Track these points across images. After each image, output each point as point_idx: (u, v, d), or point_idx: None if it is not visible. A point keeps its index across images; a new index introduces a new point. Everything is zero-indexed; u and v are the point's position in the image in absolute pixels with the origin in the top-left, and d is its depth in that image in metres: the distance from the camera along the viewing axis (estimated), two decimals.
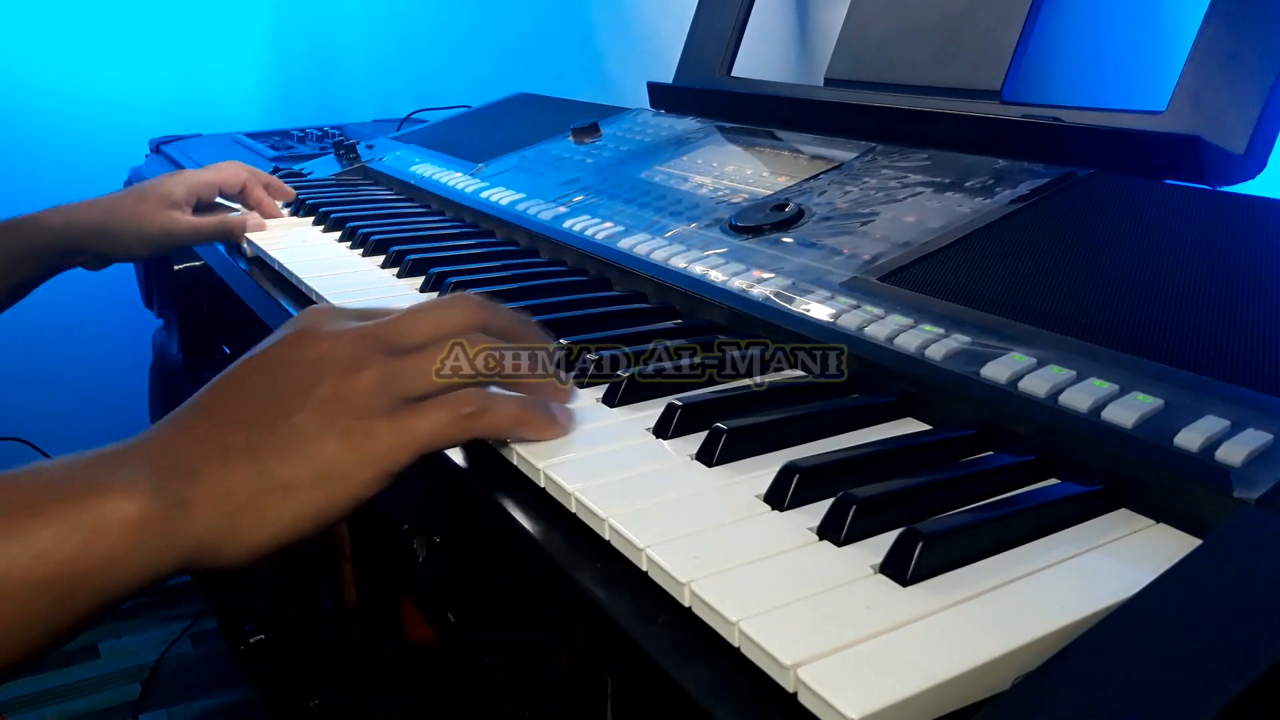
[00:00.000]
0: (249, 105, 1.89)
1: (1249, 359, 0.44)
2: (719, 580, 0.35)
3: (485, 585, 0.62)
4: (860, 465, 0.43)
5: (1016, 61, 0.76)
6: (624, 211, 0.81)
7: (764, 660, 0.32)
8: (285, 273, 0.83)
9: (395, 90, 1.88)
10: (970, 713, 0.30)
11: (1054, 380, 0.45)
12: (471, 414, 0.44)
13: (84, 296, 1.80)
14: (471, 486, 0.48)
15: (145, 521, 0.39)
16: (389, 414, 0.43)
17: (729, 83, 1.03)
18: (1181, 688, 0.28)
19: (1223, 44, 0.62)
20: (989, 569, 0.36)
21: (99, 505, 0.39)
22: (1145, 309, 0.49)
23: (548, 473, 0.44)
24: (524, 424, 0.46)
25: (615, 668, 0.44)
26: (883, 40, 0.87)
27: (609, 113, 1.11)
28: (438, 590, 0.72)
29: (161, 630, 1.87)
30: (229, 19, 1.85)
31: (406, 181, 1.11)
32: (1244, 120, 0.60)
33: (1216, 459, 0.38)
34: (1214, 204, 0.58)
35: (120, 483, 0.39)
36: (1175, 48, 0.73)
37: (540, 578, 0.43)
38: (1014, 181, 0.66)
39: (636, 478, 0.44)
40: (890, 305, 0.55)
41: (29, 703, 1.70)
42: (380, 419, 0.43)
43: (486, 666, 0.69)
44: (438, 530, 0.63)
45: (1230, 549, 0.34)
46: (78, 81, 1.78)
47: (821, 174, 0.77)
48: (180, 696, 1.70)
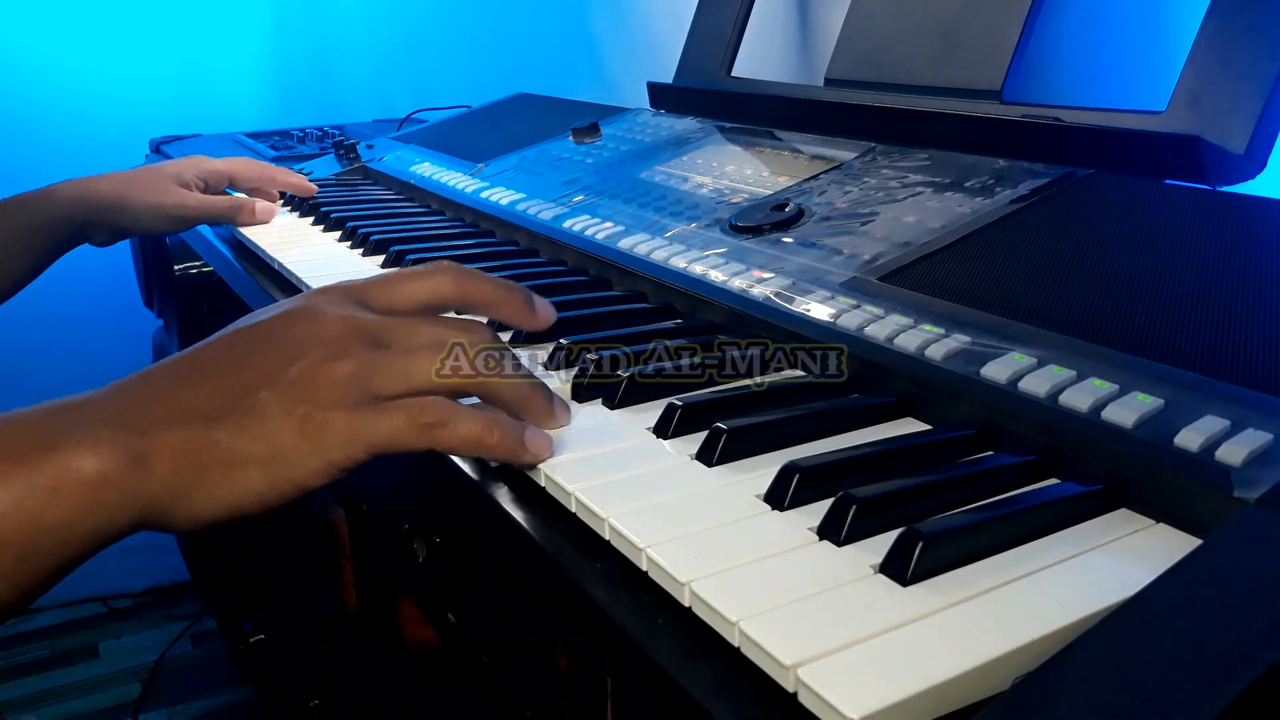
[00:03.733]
0: (249, 105, 1.89)
1: (1249, 359, 0.44)
2: (719, 580, 0.35)
3: (485, 585, 0.62)
4: (860, 465, 0.43)
5: (1016, 61, 0.76)
6: (624, 211, 0.81)
7: (764, 660, 0.32)
8: (285, 272, 0.83)
9: (395, 90, 1.87)
10: (970, 713, 0.30)
11: (1054, 380, 0.45)
12: (430, 424, 0.43)
13: (84, 296, 1.80)
14: (471, 486, 0.48)
15: (105, 477, 0.39)
16: (350, 408, 0.43)
17: (729, 83, 1.03)
18: (1181, 688, 0.28)
19: (1223, 44, 0.62)
20: (989, 569, 0.36)
21: (59, 462, 0.38)
22: (1145, 309, 0.49)
23: (548, 472, 0.44)
24: (484, 445, 0.44)
25: (615, 668, 0.44)
26: (883, 40, 0.87)
27: (609, 113, 1.11)
28: (438, 590, 0.72)
29: (161, 630, 1.88)
30: (229, 19, 1.85)
31: (406, 181, 1.11)
32: (1244, 120, 0.60)
33: (1216, 459, 0.38)
34: (1214, 204, 0.58)
35: (80, 438, 0.39)
36: (1175, 48, 0.73)
37: (540, 578, 0.43)
38: (1014, 181, 0.66)
39: (636, 477, 0.44)
40: (890, 305, 0.55)
41: (29, 703, 1.70)
42: (340, 411, 0.42)
43: (486, 666, 0.69)
44: (438, 530, 0.63)
45: (1230, 549, 0.34)
46: (77, 81, 1.78)
47: (821, 174, 0.77)
48: (180, 696, 1.71)
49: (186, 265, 1.35)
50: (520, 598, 0.55)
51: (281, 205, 1.07)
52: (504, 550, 0.48)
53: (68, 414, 0.41)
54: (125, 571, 1.94)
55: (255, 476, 0.42)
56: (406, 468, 0.61)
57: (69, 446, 0.39)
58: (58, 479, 0.38)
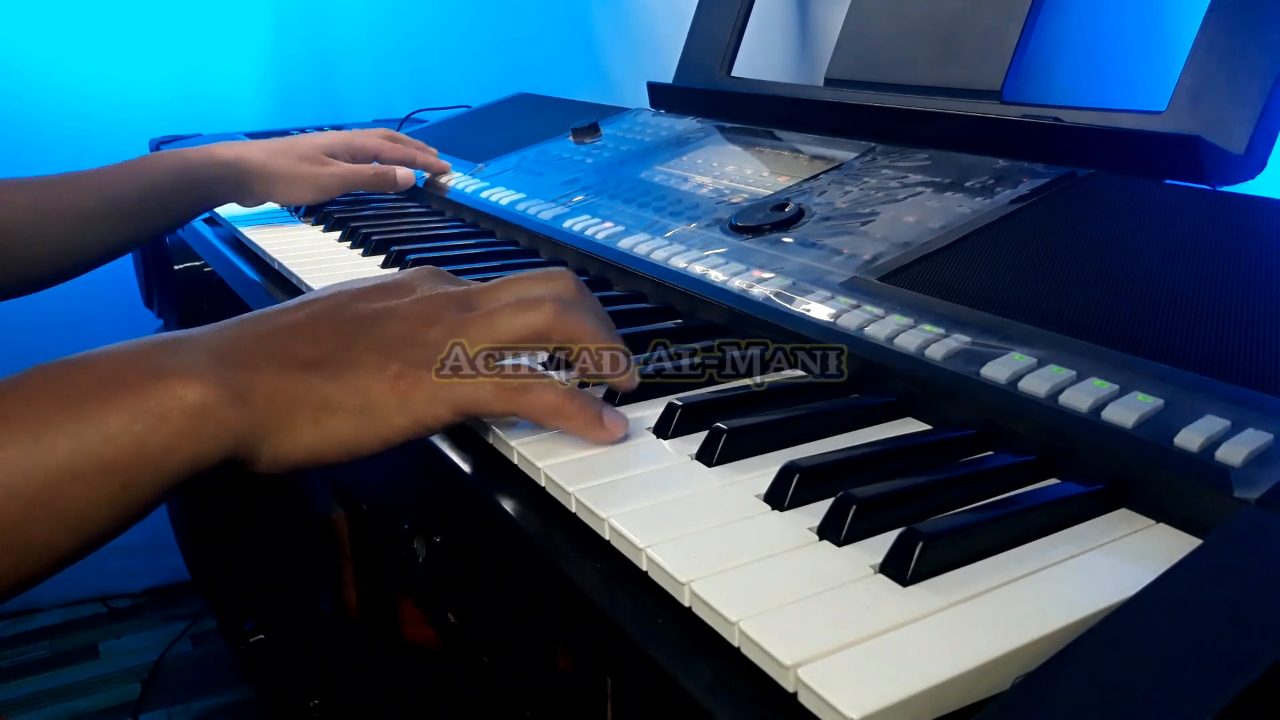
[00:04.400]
0: (249, 105, 1.89)
1: (1249, 359, 0.44)
2: (719, 580, 0.35)
3: (485, 585, 0.62)
4: (860, 465, 0.43)
5: (1016, 61, 0.76)
6: (624, 211, 0.81)
7: (764, 660, 0.32)
8: (285, 272, 0.83)
9: (395, 90, 1.87)
10: (970, 713, 0.30)
11: (1054, 380, 0.45)
12: (515, 388, 0.45)
13: (84, 296, 1.80)
14: (472, 486, 0.48)
15: (205, 407, 0.41)
16: (440, 370, 0.45)
17: (729, 83, 1.03)
18: (1181, 688, 0.28)
19: (1223, 44, 0.62)
20: (989, 569, 0.36)
21: (164, 390, 0.40)
22: (1145, 309, 0.49)
23: (548, 472, 0.44)
24: (563, 414, 0.46)
25: (615, 668, 0.44)
26: (883, 40, 0.87)
27: (609, 113, 1.11)
28: (438, 590, 0.72)
29: (161, 630, 1.87)
30: (229, 19, 1.85)
31: None
32: (1244, 120, 0.60)
33: (1216, 459, 0.38)
34: (1214, 204, 0.58)
35: (183, 369, 0.41)
36: (1175, 48, 0.73)
37: (540, 578, 0.43)
38: (1014, 181, 0.66)
39: (636, 477, 0.44)
40: (890, 305, 0.55)
41: (29, 703, 1.70)
42: (430, 371, 0.45)
43: (486, 666, 0.69)
44: (438, 530, 0.63)
45: (1230, 549, 0.34)
46: (77, 81, 1.78)
47: (821, 174, 0.77)
48: (180, 696, 1.70)
49: (186, 265, 1.35)
50: (520, 598, 0.55)
51: None
52: (504, 550, 0.48)
53: (172, 346, 0.43)
54: (125, 571, 1.94)
55: (344, 425, 0.44)
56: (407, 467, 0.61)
57: (174, 376, 0.41)
58: (163, 406, 0.40)
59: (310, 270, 0.80)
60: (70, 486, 0.38)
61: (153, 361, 0.41)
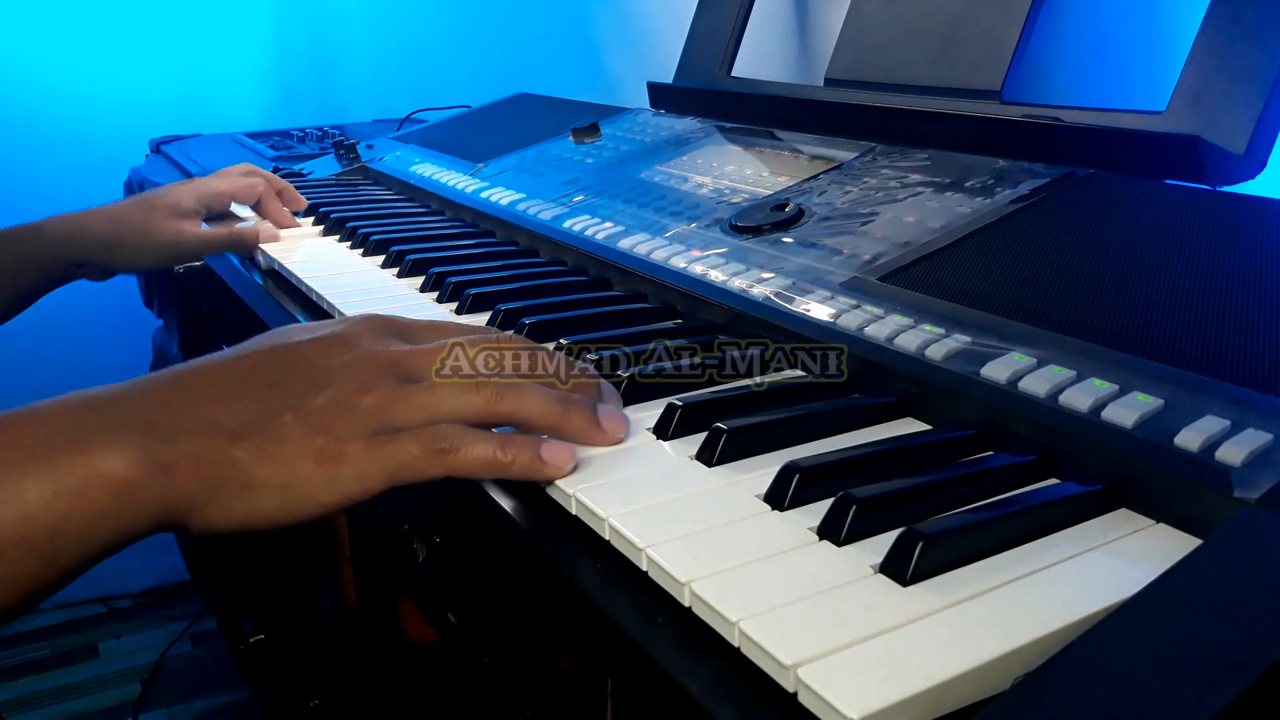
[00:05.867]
0: (249, 105, 1.89)
1: (1249, 359, 0.44)
2: (719, 580, 0.35)
3: (485, 585, 0.62)
4: (860, 465, 0.43)
5: (1016, 61, 0.76)
6: (624, 211, 0.81)
7: (764, 660, 0.32)
8: (286, 273, 0.83)
9: (395, 90, 1.88)
10: (970, 713, 0.30)
11: (1054, 380, 0.45)
12: (443, 450, 0.43)
13: (84, 297, 1.80)
14: (471, 486, 0.48)
15: (128, 484, 0.39)
16: (368, 439, 0.43)
17: (729, 83, 1.03)
18: (1181, 688, 0.28)
19: (1223, 44, 0.62)
20: (989, 569, 0.36)
21: (87, 464, 0.39)
22: (1145, 309, 0.49)
23: None
24: (498, 465, 0.44)
25: (615, 668, 0.44)
26: (883, 40, 0.87)
27: (609, 113, 1.11)
28: (438, 590, 0.72)
29: (161, 630, 1.88)
30: (229, 19, 1.85)
31: (406, 181, 1.11)
32: (1244, 120, 0.60)
33: (1216, 459, 0.38)
34: (1214, 204, 0.58)
35: (109, 440, 0.40)
36: (1175, 48, 0.73)
37: (540, 578, 0.43)
38: (1014, 181, 0.66)
39: (636, 478, 0.44)
40: (890, 305, 0.55)
41: (29, 702, 1.70)
42: (357, 442, 0.43)
43: (486, 666, 0.69)
44: (438, 530, 0.63)
45: (1230, 549, 0.34)
46: (77, 81, 1.78)
47: (821, 174, 0.77)
48: (180, 696, 1.71)
49: (186, 265, 1.35)
50: (520, 598, 0.55)
51: None
52: (504, 550, 0.48)
53: (96, 412, 0.41)
54: (125, 571, 1.94)
55: (269, 500, 0.42)
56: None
57: (98, 449, 0.39)
58: (85, 483, 0.39)
59: (315, 274, 0.80)
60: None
61: (77, 430, 0.40)
